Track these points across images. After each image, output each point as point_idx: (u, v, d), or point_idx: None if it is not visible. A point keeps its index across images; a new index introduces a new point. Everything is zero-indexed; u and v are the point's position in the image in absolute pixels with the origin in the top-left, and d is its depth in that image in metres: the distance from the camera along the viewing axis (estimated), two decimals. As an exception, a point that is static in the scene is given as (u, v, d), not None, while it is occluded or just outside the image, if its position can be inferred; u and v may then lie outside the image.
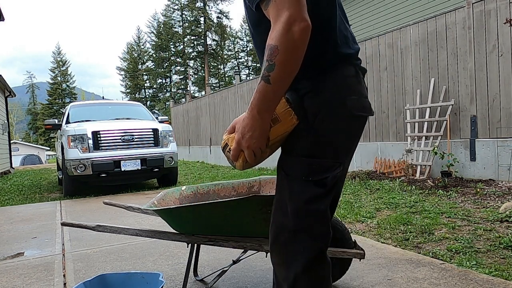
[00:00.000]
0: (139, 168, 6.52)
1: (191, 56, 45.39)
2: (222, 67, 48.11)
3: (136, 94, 50.10)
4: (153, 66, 48.65)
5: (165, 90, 48.99)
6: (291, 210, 1.13)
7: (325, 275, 1.17)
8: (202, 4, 43.09)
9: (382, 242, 2.94)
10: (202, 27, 43.55)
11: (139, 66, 50.70)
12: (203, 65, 44.58)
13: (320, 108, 1.11)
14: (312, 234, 1.14)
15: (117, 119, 7.31)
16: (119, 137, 6.53)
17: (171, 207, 1.83)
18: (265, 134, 1.08)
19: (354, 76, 1.17)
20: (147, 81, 49.88)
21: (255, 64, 46.23)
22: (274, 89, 1.01)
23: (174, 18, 45.63)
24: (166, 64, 47.05)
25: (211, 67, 46.12)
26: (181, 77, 46.39)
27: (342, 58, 1.16)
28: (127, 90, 51.11)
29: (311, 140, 1.12)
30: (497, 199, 4.04)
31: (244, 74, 46.16)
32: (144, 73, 49.30)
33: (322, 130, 1.12)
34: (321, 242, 1.16)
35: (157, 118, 7.96)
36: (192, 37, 44.88)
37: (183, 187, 2.32)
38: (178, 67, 46.61)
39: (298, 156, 1.13)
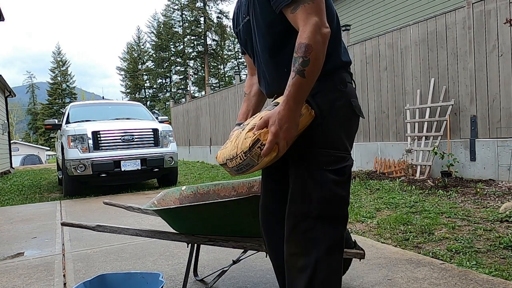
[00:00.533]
0: (139, 168, 6.52)
1: (191, 56, 45.31)
2: (222, 67, 48.01)
3: (136, 94, 50.06)
4: (153, 66, 48.58)
5: (165, 90, 48.93)
6: (317, 198, 1.21)
7: (340, 264, 1.25)
8: (202, 4, 43.00)
9: (382, 242, 2.94)
10: (202, 27, 43.46)
11: (139, 66, 50.64)
12: (203, 65, 44.50)
13: (332, 106, 1.25)
14: (334, 220, 1.23)
15: (117, 119, 7.31)
16: (119, 137, 6.53)
17: (171, 207, 1.83)
18: (298, 125, 1.17)
19: (350, 82, 1.33)
20: (147, 81, 49.81)
21: (255, 64, 45.92)
22: (307, 82, 1.13)
23: (174, 18, 45.54)
24: (166, 64, 46.99)
25: (211, 67, 46.03)
26: (181, 77, 46.32)
27: (343, 65, 1.32)
28: (127, 90, 51.06)
29: (327, 134, 1.25)
30: (497, 199, 4.04)
31: (244, 74, 45.96)
32: (144, 73, 49.24)
33: (335, 126, 1.26)
34: (342, 227, 1.25)
35: (157, 118, 7.96)
36: (192, 37, 44.79)
37: (183, 187, 2.32)
38: (178, 67, 46.52)
39: (317, 148, 1.24)
